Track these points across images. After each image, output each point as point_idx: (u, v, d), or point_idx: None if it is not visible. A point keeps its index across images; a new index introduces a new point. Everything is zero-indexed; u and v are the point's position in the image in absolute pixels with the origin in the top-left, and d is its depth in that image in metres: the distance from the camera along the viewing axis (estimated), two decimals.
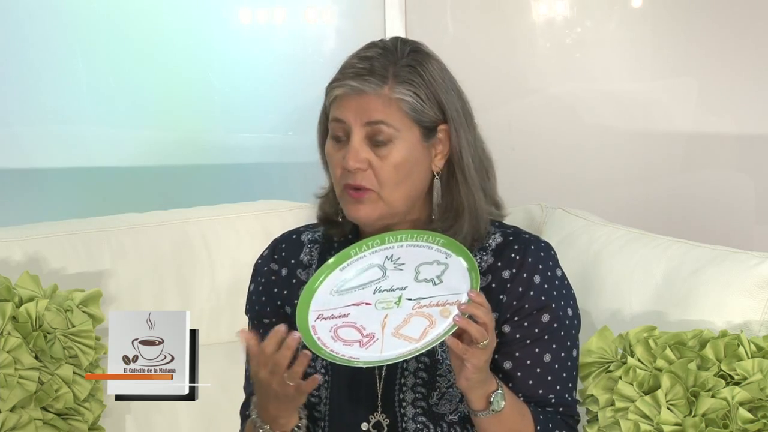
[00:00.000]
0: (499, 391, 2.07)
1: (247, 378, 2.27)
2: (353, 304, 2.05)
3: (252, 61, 3.56)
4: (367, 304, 2.04)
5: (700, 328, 2.26)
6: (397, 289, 2.05)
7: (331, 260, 2.08)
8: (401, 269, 2.06)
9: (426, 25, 3.51)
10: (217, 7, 3.54)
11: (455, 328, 2.00)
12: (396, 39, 2.23)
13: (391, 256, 2.08)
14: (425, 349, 2.01)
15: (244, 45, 3.56)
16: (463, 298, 2.02)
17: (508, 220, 2.30)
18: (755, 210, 3.50)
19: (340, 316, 2.04)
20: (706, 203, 3.50)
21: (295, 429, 2.13)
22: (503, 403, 2.07)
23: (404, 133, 2.16)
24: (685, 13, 3.48)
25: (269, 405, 2.09)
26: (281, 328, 2.02)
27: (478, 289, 2.02)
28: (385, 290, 2.05)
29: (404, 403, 2.19)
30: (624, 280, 2.52)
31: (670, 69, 3.52)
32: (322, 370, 2.20)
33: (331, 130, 2.19)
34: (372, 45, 2.21)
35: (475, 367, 2.02)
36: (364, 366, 2.01)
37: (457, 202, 2.19)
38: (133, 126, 3.51)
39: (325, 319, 2.04)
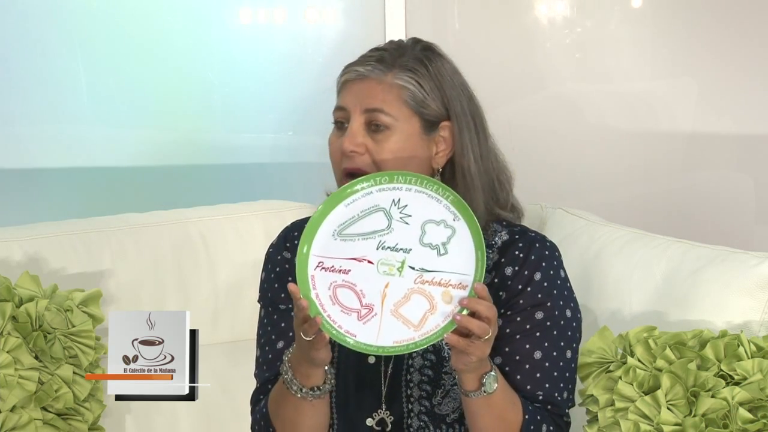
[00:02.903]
0: (492, 373, 2.08)
1: (260, 365, 2.27)
2: (355, 259, 2.03)
3: (252, 61, 3.56)
4: (369, 262, 2.02)
5: (700, 328, 2.26)
6: (401, 250, 2.02)
7: (336, 192, 2.05)
8: (407, 223, 2.03)
9: (426, 25, 3.51)
10: (217, 7, 3.54)
11: (454, 326, 1.99)
12: (413, 39, 2.25)
13: (398, 200, 2.04)
14: (423, 345, 2.00)
15: (244, 45, 3.56)
16: (466, 282, 2.00)
17: None
18: (755, 210, 3.50)
19: (340, 271, 2.02)
20: (706, 203, 3.50)
21: (316, 388, 2.12)
22: (495, 385, 2.07)
23: (402, 122, 2.17)
24: (685, 13, 3.48)
25: (300, 355, 2.09)
26: (293, 287, 2.01)
27: (483, 272, 2.01)
28: (389, 248, 2.02)
29: (412, 399, 2.19)
30: (624, 280, 2.52)
31: (670, 69, 3.52)
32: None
33: (334, 120, 2.21)
34: (390, 42, 2.25)
35: (479, 358, 2.03)
36: (356, 349, 2.00)
37: None
38: (133, 126, 3.51)
39: (325, 269, 2.02)
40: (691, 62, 3.49)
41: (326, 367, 2.12)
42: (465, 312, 2.00)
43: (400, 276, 2.02)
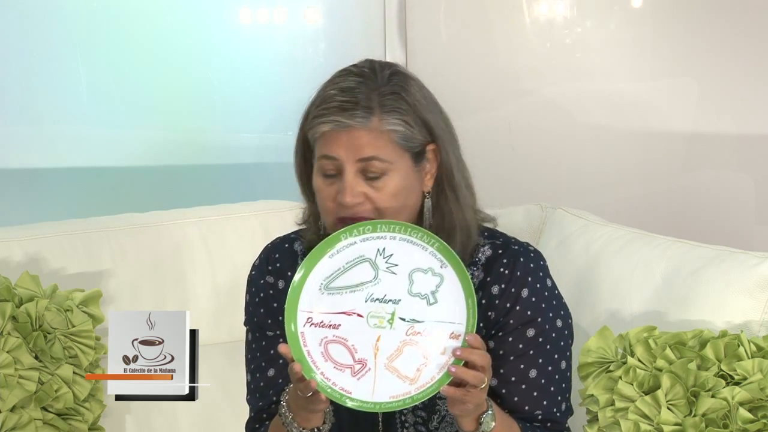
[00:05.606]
0: (490, 411, 2.05)
1: (252, 391, 2.24)
2: (344, 313, 1.99)
3: (252, 61, 3.57)
4: (359, 315, 1.98)
5: (700, 328, 2.26)
6: (390, 301, 1.99)
7: (320, 244, 2.00)
8: (394, 273, 2.00)
9: (425, 25, 3.51)
10: (217, 7, 3.54)
11: (450, 378, 1.97)
12: (371, 63, 2.16)
13: (383, 249, 2.00)
14: (420, 399, 1.97)
15: (244, 45, 3.57)
16: (459, 332, 1.97)
17: (508, 221, 2.28)
18: (755, 210, 3.50)
19: (330, 326, 1.98)
20: (706, 203, 3.50)
21: (316, 429, 2.09)
22: (493, 423, 2.05)
23: (397, 163, 2.10)
24: (685, 13, 3.48)
25: (298, 404, 2.07)
26: (284, 348, 1.99)
27: (476, 321, 1.97)
28: (377, 299, 1.99)
29: (407, 424, 2.18)
30: (624, 280, 2.52)
31: (670, 69, 3.52)
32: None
33: (320, 167, 2.13)
34: (347, 72, 2.14)
35: (476, 405, 2.01)
36: (354, 408, 1.97)
37: (448, 221, 2.14)
38: (133, 126, 3.52)
39: (315, 325, 1.99)
40: (691, 62, 3.49)
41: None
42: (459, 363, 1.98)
43: (391, 328, 1.98)
